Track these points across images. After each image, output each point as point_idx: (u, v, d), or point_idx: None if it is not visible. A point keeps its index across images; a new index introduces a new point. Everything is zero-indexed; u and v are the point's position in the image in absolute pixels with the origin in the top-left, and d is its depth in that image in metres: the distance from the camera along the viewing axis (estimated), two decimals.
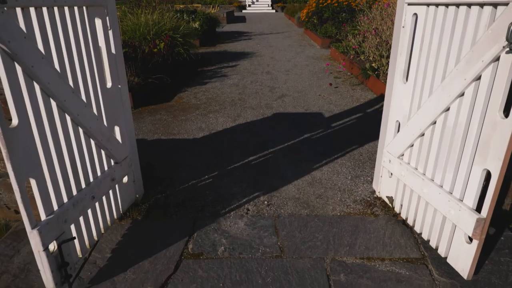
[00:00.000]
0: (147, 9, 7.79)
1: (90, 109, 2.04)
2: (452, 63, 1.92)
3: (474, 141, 1.84)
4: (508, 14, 1.57)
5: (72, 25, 1.88)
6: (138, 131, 4.20)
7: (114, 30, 2.25)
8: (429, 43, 2.09)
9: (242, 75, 6.89)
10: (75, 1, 1.84)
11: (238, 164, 3.37)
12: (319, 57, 8.70)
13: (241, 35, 13.10)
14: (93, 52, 2.07)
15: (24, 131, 1.61)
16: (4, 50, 1.48)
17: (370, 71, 5.88)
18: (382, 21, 6.32)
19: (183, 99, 5.45)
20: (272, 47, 10.27)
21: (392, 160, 2.53)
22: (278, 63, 8.03)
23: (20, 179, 1.60)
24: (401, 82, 2.39)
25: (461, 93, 1.87)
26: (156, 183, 3.02)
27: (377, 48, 6.12)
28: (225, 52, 9.56)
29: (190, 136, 4.05)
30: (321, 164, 3.35)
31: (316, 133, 4.09)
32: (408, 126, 2.31)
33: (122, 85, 2.40)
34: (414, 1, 2.16)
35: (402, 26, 2.32)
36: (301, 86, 6.07)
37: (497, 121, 1.69)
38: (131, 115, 2.57)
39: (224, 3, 25.94)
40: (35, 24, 1.65)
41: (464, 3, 1.81)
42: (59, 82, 1.77)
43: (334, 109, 4.90)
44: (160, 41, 6.32)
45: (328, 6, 11.35)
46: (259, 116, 4.65)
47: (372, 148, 3.65)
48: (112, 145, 2.28)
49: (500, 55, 1.64)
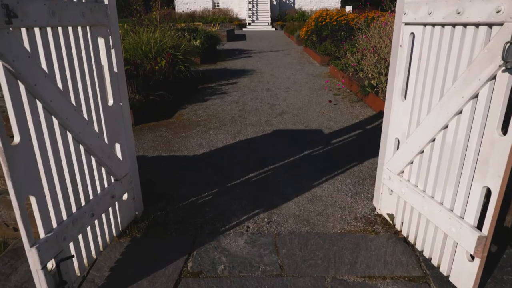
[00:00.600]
0: (149, 27, 7.93)
1: (91, 126, 2.06)
2: (450, 81, 1.95)
3: (473, 158, 1.84)
4: (503, 34, 1.60)
5: (76, 44, 1.91)
6: (138, 147, 4.21)
7: (116, 49, 2.29)
8: (427, 61, 2.13)
9: (242, 92, 6.95)
10: (79, 21, 1.88)
11: (238, 181, 3.37)
12: (318, 74, 8.79)
13: (241, 52, 13.27)
14: (95, 71, 2.10)
15: (26, 149, 1.62)
16: (8, 69, 1.50)
17: (369, 88, 5.93)
18: (380, 39, 6.42)
19: (184, 116, 5.49)
20: (272, 64, 10.39)
21: (392, 177, 2.53)
22: (278, 80, 8.11)
23: (20, 196, 1.60)
24: (400, 100, 2.41)
25: (459, 110, 1.89)
26: (156, 200, 3.01)
27: (375, 65, 6.20)
28: (225, 70, 9.67)
29: (190, 152, 4.06)
30: (321, 181, 3.35)
31: (316, 149, 4.09)
32: (407, 143, 2.32)
33: (123, 103, 2.42)
34: (411, 21, 2.20)
35: (400, 45, 2.36)
36: (301, 103, 6.12)
37: (496, 139, 1.71)
38: (131, 132, 2.58)
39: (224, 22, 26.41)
40: (39, 43, 1.68)
41: (460, 23, 1.85)
42: (62, 100, 1.79)
43: (333, 126, 4.92)
44: (161, 59, 6.41)
45: (327, 25, 11.55)
46: (259, 133, 4.67)
47: (372, 165, 3.65)
48: (113, 162, 2.29)
49: (497, 73, 1.67)
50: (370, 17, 9.67)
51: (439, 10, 1.96)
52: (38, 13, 1.61)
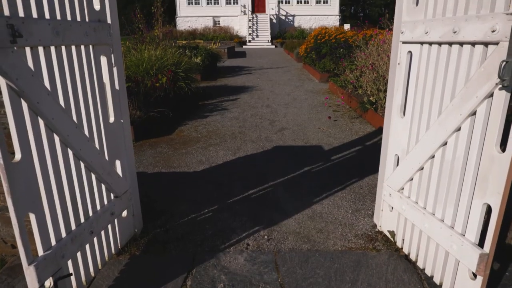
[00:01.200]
0: (151, 45, 8.04)
1: (92, 143, 2.07)
2: (448, 99, 1.97)
3: (473, 175, 1.85)
4: (499, 52, 1.63)
5: (78, 62, 1.94)
6: (138, 164, 4.22)
7: (118, 67, 2.32)
8: (424, 79, 2.16)
9: (242, 109, 6.99)
10: (82, 40, 1.91)
11: (238, 197, 3.36)
12: (318, 91, 8.87)
13: (241, 69, 13.42)
14: (97, 88, 2.12)
15: (27, 166, 1.63)
16: (12, 87, 1.52)
17: (368, 105, 5.98)
18: (379, 56, 6.51)
19: (184, 132, 5.51)
20: (272, 81, 10.49)
21: (392, 194, 2.53)
22: (277, 96, 8.18)
23: (20, 213, 1.60)
24: (399, 117, 2.43)
25: (457, 128, 1.91)
26: (155, 217, 2.99)
27: (374, 82, 6.26)
28: (225, 86, 9.75)
29: (190, 169, 4.06)
30: (322, 197, 3.34)
31: (316, 166, 4.10)
32: (407, 160, 2.33)
33: (124, 120, 2.44)
34: (408, 40, 2.24)
35: (398, 63, 2.40)
36: (301, 120, 6.15)
37: (495, 156, 1.71)
38: (132, 149, 2.59)
39: (225, 39, 26.79)
40: (42, 62, 1.71)
41: (456, 42, 1.88)
42: (63, 117, 1.80)
43: (333, 142, 4.94)
44: (162, 76, 6.48)
45: (326, 42, 11.72)
46: (259, 149, 4.68)
47: (372, 181, 3.65)
48: (113, 179, 2.29)
49: (494, 91, 1.69)
50: (368, 35, 9.81)
51: (435, 29, 1.99)
52: (43, 32, 1.64)
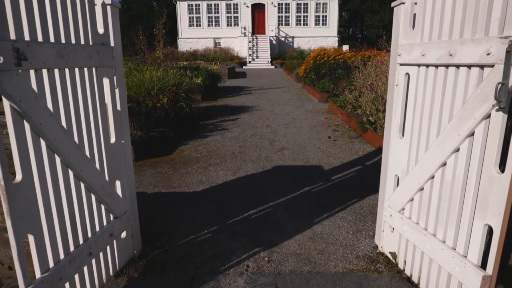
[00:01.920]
0: (153, 66, 8.16)
1: (93, 164, 2.08)
2: (446, 120, 1.99)
3: (473, 196, 1.84)
4: (494, 75, 1.66)
5: (81, 84, 1.97)
6: (138, 184, 4.21)
7: (120, 88, 2.35)
8: (422, 100, 2.18)
9: (242, 128, 7.03)
10: (85, 63, 1.95)
11: (238, 218, 3.34)
12: (317, 111, 8.94)
13: (241, 89, 13.55)
14: (99, 109, 2.15)
15: (27, 187, 1.63)
16: (15, 109, 1.55)
17: (367, 125, 6.01)
18: (377, 77, 6.59)
19: (184, 152, 5.52)
20: (272, 101, 10.58)
21: (393, 215, 2.52)
22: (277, 116, 8.23)
23: (19, 235, 1.59)
24: (398, 137, 2.45)
25: (456, 148, 1.92)
26: (154, 238, 2.97)
27: (373, 102, 6.32)
28: (226, 106, 9.83)
29: (190, 189, 4.05)
30: (322, 217, 3.32)
31: (316, 186, 4.09)
32: (407, 181, 2.33)
33: (125, 140, 2.45)
34: (406, 62, 2.28)
35: (396, 84, 2.43)
36: (301, 139, 6.17)
37: (494, 176, 1.72)
38: (132, 169, 2.60)
39: (225, 60, 27.19)
40: (46, 84, 1.73)
41: (452, 64, 1.92)
42: (65, 138, 1.82)
43: (333, 162, 4.94)
44: (163, 96, 6.55)
45: (325, 63, 11.89)
46: (259, 169, 4.68)
47: (373, 201, 3.63)
48: (113, 200, 2.29)
49: (491, 112, 1.71)
50: (367, 56, 9.97)
51: (432, 52, 2.04)
52: (47, 55, 1.68)
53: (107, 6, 2.19)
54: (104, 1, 2.16)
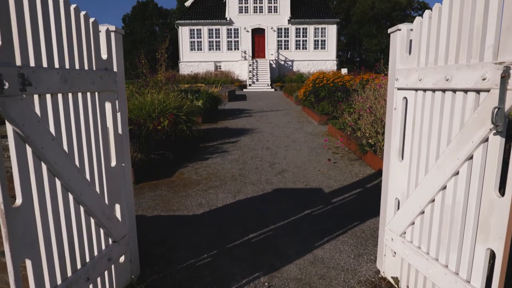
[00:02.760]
0: (154, 89, 8.27)
1: (93, 187, 2.08)
2: (444, 143, 2.01)
3: (474, 220, 1.84)
4: (490, 99, 1.69)
5: (84, 108, 2.00)
6: (138, 207, 4.18)
7: (122, 112, 2.38)
8: (421, 123, 2.21)
9: (242, 151, 7.05)
10: (88, 88, 1.99)
11: (238, 241, 3.30)
12: (317, 133, 8.98)
13: (242, 112, 13.67)
14: (100, 133, 2.17)
15: (27, 211, 1.62)
16: (18, 133, 1.56)
17: (367, 147, 6.03)
18: (376, 100, 6.67)
19: (184, 174, 5.52)
20: (272, 123, 10.65)
21: (395, 239, 2.49)
22: (277, 139, 8.27)
23: (17, 260, 1.57)
24: (397, 160, 2.46)
25: (455, 172, 1.93)
26: (153, 262, 2.93)
27: (372, 125, 6.36)
28: (226, 129, 9.89)
29: (190, 212, 4.02)
30: (323, 241, 3.28)
31: (317, 209, 4.06)
32: (408, 204, 2.32)
33: (125, 164, 2.46)
34: (403, 87, 2.32)
35: (394, 108, 2.46)
36: (301, 162, 6.18)
37: (494, 200, 1.72)
38: (132, 193, 2.60)
39: (226, 83, 27.55)
40: (49, 108, 1.76)
41: (449, 89, 1.95)
42: (66, 162, 1.83)
43: (333, 185, 4.93)
44: (164, 119, 6.60)
45: (324, 86, 12.05)
46: (259, 192, 4.66)
47: (374, 225, 3.60)
48: (112, 224, 2.27)
49: (488, 136, 1.73)
50: (365, 79, 10.11)
51: (428, 77, 2.08)
52: (51, 81, 1.71)
53: (111, 33, 2.25)
54: (109, 28, 2.22)
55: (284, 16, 31.69)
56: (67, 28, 1.84)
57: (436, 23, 2.05)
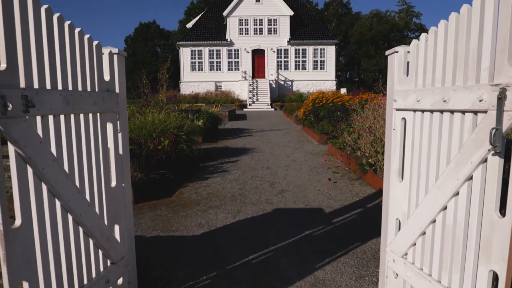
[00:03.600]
0: (155, 108, 8.34)
1: (92, 208, 2.07)
2: (444, 163, 2.02)
3: (476, 241, 1.82)
4: (488, 120, 1.71)
5: (85, 129, 2.02)
6: (137, 227, 4.15)
7: (123, 133, 2.40)
8: (420, 144, 2.22)
9: (242, 170, 7.04)
10: (91, 109, 2.01)
11: (237, 263, 3.26)
12: (317, 152, 8.99)
13: (242, 131, 13.72)
14: (101, 153, 2.18)
15: (26, 232, 1.62)
16: (19, 154, 1.57)
17: (367, 167, 6.03)
18: (375, 120, 6.71)
19: (184, 194, 5.50)
20: (272, 143, 10.68)
21: (396, 260, 2.46)
22: (277, 158, 8.28)
23: (14, 281, 1.55)
24: (397, 181, 2.46)
25: (455, 192, 1.92)
26: (152, 284, 2.88)
27: (372, 144, 6.38)
28: (226, 148, 9.91)
29: (189, 232, 3.99)
30: (324, 263, 3.24)
31: (317, 229, 4.03)
32: (409, 225, 2.31)
33: (126, 184, 2.46)
34: (402, 108, 2.35)
35: (393, 128, 2.48)
36: (301, 181, 6.16)
37: (495, 221, 1.71)
38: (132, 214, 2.58)
39: (226, 103, 27.78)
40: (51, 129, 1.78)
41: (447, 110, 1.97)
42: (66, 182, 1.83)
43: (334, 204, 4.90)
44: (164, 139, 6.63)
45: (323, 106, 12.15)
46: (259, 212, 4.63)
47: (375, 245, 3.56)
48: (111, 245, 2.25)
49: (487, 157, 1.74)
50: (364, 99, 10.21)
51: (426, 98, 2.10)
52: (54, 102, 1.73)
53: (114, 55, 2.29)
54: (111, 50, 2.26)
55: (284, 37, 32.26)
56: (71, 51, 1.88)
57: (432, 46, 2.09)
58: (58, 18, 1.80)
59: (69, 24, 1.88)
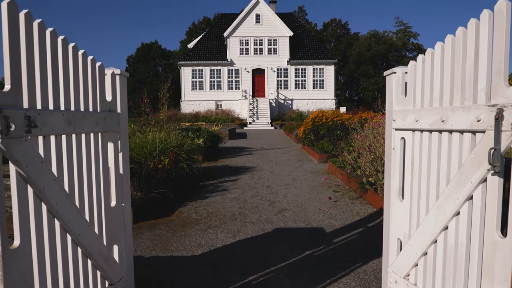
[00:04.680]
0: (156, 127, 8.38)
1: (92, 228, 2.06)
2: (444, 183, 2.02)
3: (478, 262, 1.81)
4: (486, 140, 1.72)
5: (87, 149, 2.03)
6: (136, 247, 4.10)
7: (124, 152, 2.41)
8: (419, 163, 2.23)
9: (242, 189, 7.01)
10: (92, 128, 2.03)
11: (237, 284, 3.21)
12: (317, 171, 8.98)
13: (242, 150, 13.73)
14: (102, 173, 2.18)
15: (24, 253, 1.60)
16: (20, 174, 1.58)
17: (367, 185, 6.01)
18: (375, 139, 6.73)
19: (184, 213, 5.46)
20: (272, 161, 10.68)
21: (398, 281, 2.43)
22: (277, 177, 8.25)
23: None
24: (398, 200, 2.45)
25: (456, 212, 1.92)
26: None
27: (372, 163, 6.38)
28: (226, 167, 9.89)
29: (188, 253, 3.94)
30: (325, 284, 3.19)
31: (319, 249, 3.98)
32: (410, 245, 2.29)
33: (125, 203, 2.46)
34: (401, 127, 2.37)
35: (392, 148, 2.49)
36: (301, 200, 6.13)
37: (497, 241, 1.70)
38: (131, 234, 2.57)
39: (227, 121, 27.93)
40: (52, 149, 1.79)
41: (445, 130, 1.99)
42: (66, 202, 1.83)
43: (335, 224, 4.86)
44: (165, 157, 6.63)
45: (323, 124, 12.20)
46: (259, 232, 4.59)
47: (377, 265, 3.51)
48: (109, 266, 2.23)
49: (487, 176, 1.74)
50: (364, 118, 10.27)
51: (425, 118, 2.12)
52: (56, 122, 1.75)
53: (116, 76, 2.33)
54: (114, 71, 2.30)
55: (284, 57, 32.72)
56: (74, 72, 1.92)
57: (429, 67, 2.13)
58: (62, 40, 1.84)
59: (73, 46, 1.92)
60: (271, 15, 32.68)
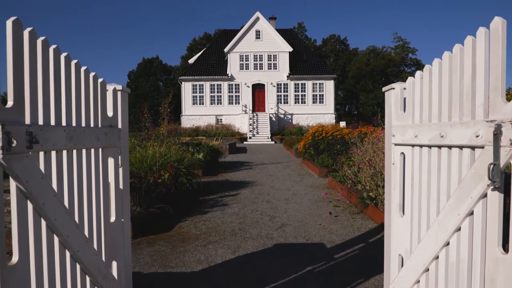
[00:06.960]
0: (156, 142, 8.39)
1: (91, 244, 2.05)
2: (444, 198, 2.01)
3: (480, 279, 1.79)
4: (485, 156, 1.72)
5: (87, 164, 2.03)
6: (134, 263, 4.06)
7: (124, 167, 2.42)
8: (419, 178, 2.23)
9: (242, 204, 6.98)
10: (93, 144, 2.04)
11: None
12: (317, 186, 8.95)
13: (242, 164, 13.72)
14: (102, 188, 2.18)
15: (22, 269, 1.59)
16: (20, 189, 1.58)
17: (368, 200, 5.99)
18: (374, 153, 6.73)
19: (183, 228, 5.42)
20: (272, 176, 10.65)
21: None
22: (278, 192, 8.22)
23: None
24: (398, 216, 2.44)
25: (457, 228, 1.91)
26: None
27: (372, 178, 6.37)
28: (226, 181, 9.87)
29: (188, 269, 3.90)
30: None
31: (319, 265, 3.94)
32: (411, 261, 2.27)
33: (125, 219, 2.45)
34: (400, 142, 2.38)
35: (392, 163, 2.50)
36: (301, 215, 6.09)
37: (499, 257, 1.69)
38: (130, 250, 2.55)
39: (227, 136, 27.98)
40: (53, 164, 1.79)
41: (444, 145, 2.00)
42: (66, 218, 1.82)
43: (335, 239, 4.82)
44: (165, 172, 6.63)
45: (323, 139, 12.23)
46: (259, 247, 4.55)
47: (379, 282, 3.47)
48: (108, 283, 2.20)
49: (487, 192, 1.74)
50: (363, 132, 10.29)
51: (424, 133, 2.14)
52: (57, 138, 1.76)
53: (117, 92, 2.35)
54: (116, 87, 2.32)
55: (283, 72, 33.02)
56: (76, 89, 1.94)
57: (427, 83, 2.15)
58: (65, 57, 1.86)
59: (76, 63, 1.94)
60: (271, 31, 33.13)
